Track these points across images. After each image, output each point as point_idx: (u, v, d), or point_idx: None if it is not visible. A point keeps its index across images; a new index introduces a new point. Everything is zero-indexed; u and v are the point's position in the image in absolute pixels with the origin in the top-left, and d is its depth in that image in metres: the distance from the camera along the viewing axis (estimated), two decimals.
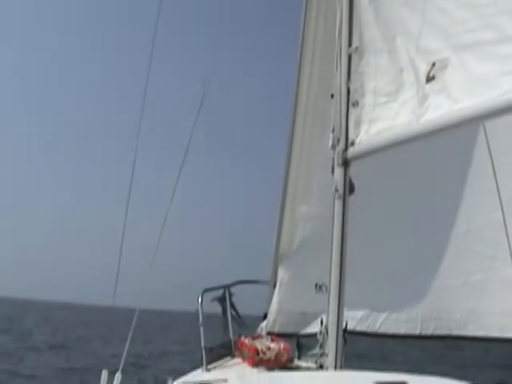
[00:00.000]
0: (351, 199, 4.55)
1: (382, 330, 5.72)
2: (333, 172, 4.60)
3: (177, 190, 3.63)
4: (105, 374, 2.67)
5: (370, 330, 5.73)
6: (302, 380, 3.55)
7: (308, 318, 5.51)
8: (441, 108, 3.76)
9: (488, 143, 5.05)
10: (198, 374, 4.76)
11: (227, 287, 5.66)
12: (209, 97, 4.55)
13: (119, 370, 2.76)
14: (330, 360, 4.53)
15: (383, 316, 5.70)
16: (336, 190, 4.52)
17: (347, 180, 4.55)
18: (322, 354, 4.61)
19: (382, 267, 5.60)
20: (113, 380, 2.71)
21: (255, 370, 4.63)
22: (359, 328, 5.68)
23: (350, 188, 4.55)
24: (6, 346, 22.98)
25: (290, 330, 5.60)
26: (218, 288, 5.67)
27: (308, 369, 4.73)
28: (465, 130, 4.70)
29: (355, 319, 5.59)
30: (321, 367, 4.60)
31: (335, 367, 4.49)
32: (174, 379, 4.03)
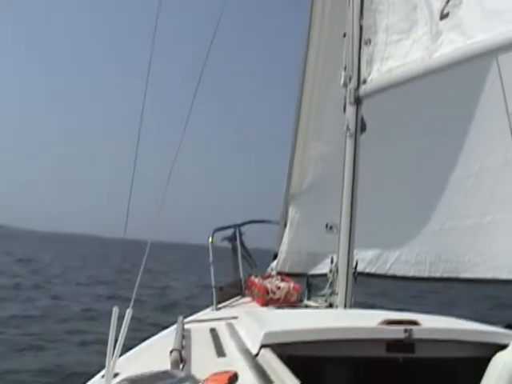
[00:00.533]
0: (362, 138, 4.52)
1: (391, 272, 5.75)
2: (344, 110, 4.57)
3: (189, 122, 3.58)
4: (115, 310, 2.69)
5: (379, 271, 5.76)
6: (311, 317, 3.59)
7: (318, 259, 5.53)
8: (454, 44, 3.68)
9: (502, 79, 4.95)
10: (208, 313, 4.82)
11: (238, 226, 5.68)
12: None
13: (130, 306, 2.77)
14: (339, 299, 4.56)
15: (393, 258, 5.72)
16: (347, 129, 4.50)
17: (359, 118, 4.51)
18: (332, 293, 4.64)
19: (392, 208, 5.59)
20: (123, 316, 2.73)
21: (265, 309, 4.68)
22: (369, 270, 5.71)
23: (361, 126, 4.52)
24: None
25: (299, 269, 5.64)
26: (229, 227, 5.69)
27: (317, 308, 4.77)
28: (477, 66, 4.64)
29: (365, 261, 5.62)
30: (330, 306, 4.64)
31: (345, 306, 4.53)
32: (184, 317, 4.07)
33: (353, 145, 4.48)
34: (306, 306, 4.97)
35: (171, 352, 2.66)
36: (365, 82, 4.42)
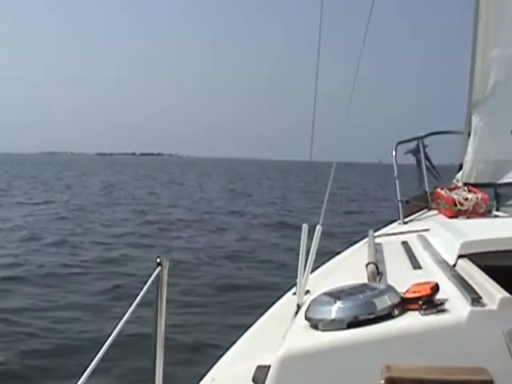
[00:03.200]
0: None
1: None
2: None
3: None
4: (305, 227, 2.77)
5: None
6: (507, 226, 3.44)
7: (506, 166, 5.28)
8: None
9: None
10: (396, 227, 4.81)
11: (421, 139, 5.55)
12: None
13: (319, 223, 2.85)
14: None
15: None
16: None
17: None
18: None
19: None
20: (313, 233, 2.81)
21: (456, 220, 4.58)
22: None
23: None
24: None
25: (486, 179, 5.41)
26: (412, 140, 5.58)
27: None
28: None
29: None
30: None
31: None
32: (374, 231, 4.10)
33: None
34: (496, 217, 4.81)
35: (367, 265, 2.70)
36: None
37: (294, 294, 2.81)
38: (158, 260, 2.53)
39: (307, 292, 2.66)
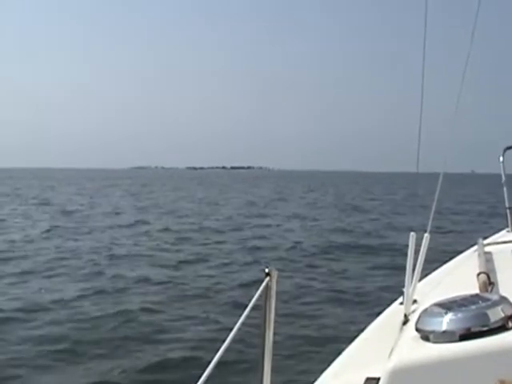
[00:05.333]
0: None
1: None
2: None
3: None
4: (413, 235, 2.73)
5: None
6: None
7: None
8: None
9: None
10: (505, 235, 4.63)
11: None
12: None
13: (427, 231, 2.79)
14: None
15: None
16: None
17: None
18: None
19: None
20: (420, 241, 2.76)
21: None
22: None
23: None
24: None
25: None
26: None
27: None
28: None
29: None
30: None
31: None
32: (483, 238, 3.98)
33: None
34: None
35: (478, 275, 2.62)
36: None
37: (401, 303, 2.77)
38: (267, 270, 2.56)
39: (414, 302, 2.62)
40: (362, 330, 3.16)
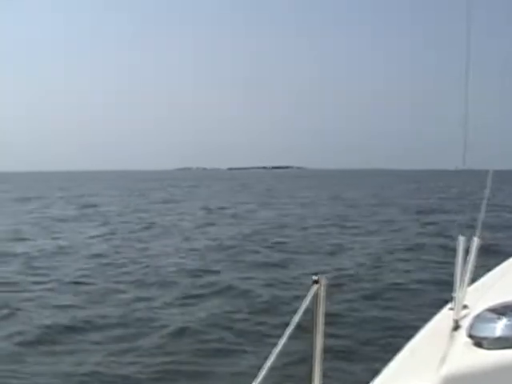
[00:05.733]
0: None
1: None
2: None
3: None
4: (461, 239, 2.68)
5: None
6: None
7: None
8: None
9: None
10: None
11: None
12: None
13: (476, 235, 2.75)
14: None
15: None
16: None
17: None
18: None
19: None
20: (470, 245, 2.72)
21: None
22: None
23: None
24: None
25: None
26: None
27: None
28: None
29: None
30: None
31: None
32: None
33: None
34: None
35: None
36: None
37: (451, 309, 2.73)
38: (316, 277, 2.54)
39: (465, 307, 2.58)
40: (410, 337, 3.11)
